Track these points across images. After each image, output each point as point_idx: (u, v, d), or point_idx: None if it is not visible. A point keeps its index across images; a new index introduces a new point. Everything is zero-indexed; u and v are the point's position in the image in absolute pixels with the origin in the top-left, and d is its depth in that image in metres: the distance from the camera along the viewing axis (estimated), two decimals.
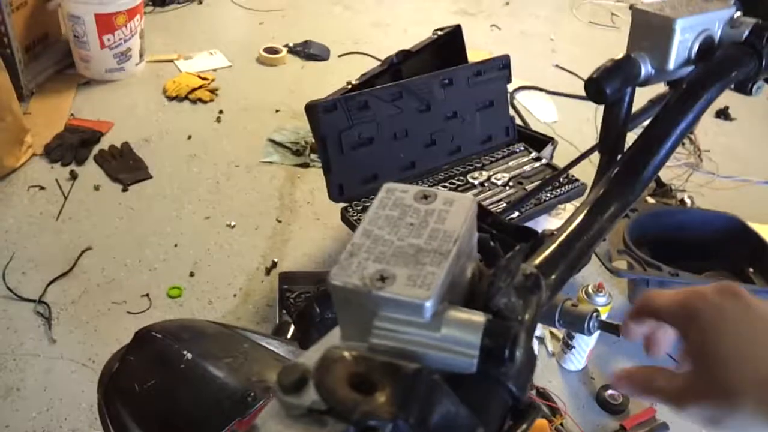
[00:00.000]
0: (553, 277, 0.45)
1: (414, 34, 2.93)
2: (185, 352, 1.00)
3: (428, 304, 0.30)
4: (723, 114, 3.00)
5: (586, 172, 2.26)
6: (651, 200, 2.33)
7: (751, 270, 1.99)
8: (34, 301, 1.85)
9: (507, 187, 2.06)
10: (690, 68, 0.57)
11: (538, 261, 0.45)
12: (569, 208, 2.30)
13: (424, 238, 0.33)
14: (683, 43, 0.55)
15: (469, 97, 2.14)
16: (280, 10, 3.56)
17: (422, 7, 3.79)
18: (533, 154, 2.21)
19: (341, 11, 3.66)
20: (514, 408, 0.32)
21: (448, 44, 2.32)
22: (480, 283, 0.34)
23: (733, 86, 0.57)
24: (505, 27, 3.66)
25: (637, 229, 1.96)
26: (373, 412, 0.25)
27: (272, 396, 0.30)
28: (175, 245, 2.07)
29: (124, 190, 2.28)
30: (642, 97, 0.70)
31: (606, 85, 0.53)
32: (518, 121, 2.65)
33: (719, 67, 0.54)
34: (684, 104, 0.53)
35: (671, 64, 0.56)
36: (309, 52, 3.15)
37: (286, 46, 3.16)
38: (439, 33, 2.34)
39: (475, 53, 2.86)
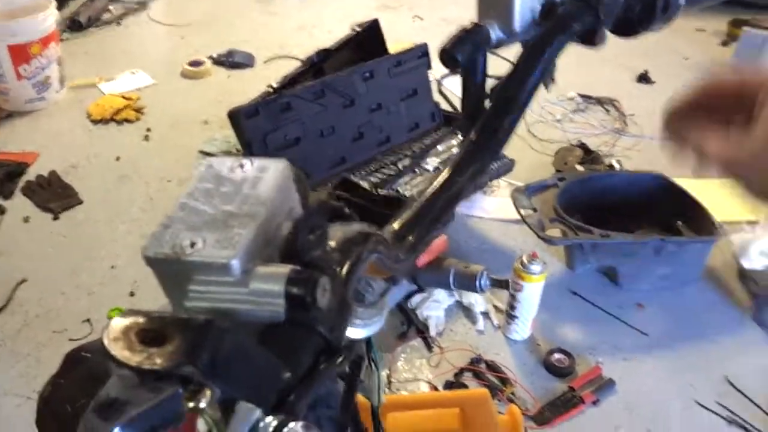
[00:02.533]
0: (411, 237, 0.48)
1: (338, 33, 2.92)
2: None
3: (234, 262, 0.32)
4: (644, 78, 3.09)
5: (515, 147, 2.32)
6: (580, 168, 2.40)
7: (679, 223, 2.06)
8: None
9: (437, 171, 2.09)
10: (538, 28, 0.60)
11: (397, 224, 0.48)
12: (502, 184, 2.35)
13: (236, 204, 0.34)
14: (525, 5, 0.58)
15: (392, 88, 2.17)
16: (201, 22, 3.53)
17: (344, 5, 3.81)
18: (460, 136, 2.24)
19: (263, 17, 3.65)
20: (328, 350, 0.34)
21: (369, 39, 2.35)
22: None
23: (580, 40, 0.60)
24: (426, 16, 3.71)
25: (567, 197, 2.01)
26: (157, 361, 0.27)
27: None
28: (112, 267, 2.05)
29: (55, 218, 2.24)
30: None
31: (457, 53, 0.56)
32: (448, 107, 2.68)
33: (559, 23, 0.57)
34: (529, 63, 0.56)
35: (518, 27, 0.59)
36: (233, 60, 3.14)
37: (209, 57, 3.14)
38: (358, 29, 2.36)
39: (398, 45, 2.89)
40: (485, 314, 1.88)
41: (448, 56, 0.56)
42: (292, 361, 0.32)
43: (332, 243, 0.37)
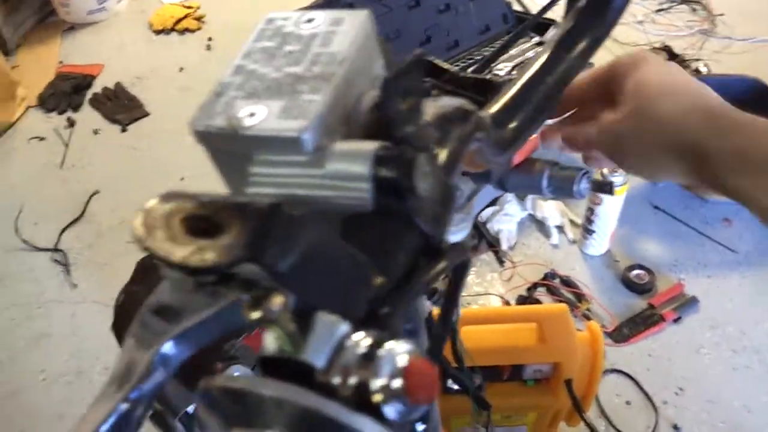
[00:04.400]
0: (512, 125, 0.40)
1: None
2: None
3: (305, 136, 0.25)
4: None
5: None
6: None
7: None
8: (50, 249, 1.86)
9: (496, 73, 1.96)
10: None
11: (494, 109, 0.40)
12: None
13: (305, 65, 0.27)
14: None
15: None
16: None
17: None
18: (535, 39, 2.09)
19: None
20: (427, 248, 0.28)
21: None
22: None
23: None
24: None
25: None
26: (208, 257, 0.21)
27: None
28: (182, 179, 2.05)
29: (123, 130, 2.25)
30: None
31: None
32: (517, 7, 2.51)
33: None
34: None
35: None
36: None
37: None
38: None
39: None
40: (560, 228, 1.80)
41: None
42: (385, 263, 0.26)
43: (426, 118, 0.30)
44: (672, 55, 2.30)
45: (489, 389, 1.16)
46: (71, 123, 2.27)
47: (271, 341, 0.23)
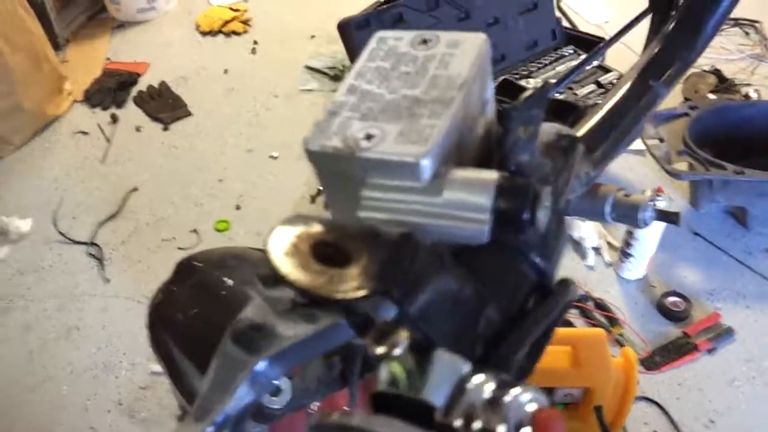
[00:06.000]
0: (597, 152, 0.39)
1: None
2: (226, 279, 0.99)
3: (425, 162, 0.24)
4: None
5: None
6: (712, 96, 2.18)
7: None
8: (86, 243, 1.88)
9: (557, 94, 1.95)
10: None
11: (579, 134, 0.39)
12: None
13: (422, 88, 0.26)
14: None
15: (511, 1, 2.01)
16: None
17: None
18: (583, 57, 2.07)
19: None
20: (540, 284, 0.27)
21: None
22: (497, 142, 0.27)
23: None
24: None
25: (699, 128, 1.83)
26: (342, 288, 0.20)
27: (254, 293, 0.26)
28: (220, 180, 2.06)
29: (165, 129, 2.27)
30: None
31: None
32: (566, 24, 2.49)
33: None
34: None
35: None
36: None
37: None
38: None
39: None
40: (596, 250, 1.77)
41: None
42: (498, 297, 0.25)
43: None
44: (722, 79, 2.26)
45: None
46: (114, 119, 2.30)
47: (385, 376, 0.21)
